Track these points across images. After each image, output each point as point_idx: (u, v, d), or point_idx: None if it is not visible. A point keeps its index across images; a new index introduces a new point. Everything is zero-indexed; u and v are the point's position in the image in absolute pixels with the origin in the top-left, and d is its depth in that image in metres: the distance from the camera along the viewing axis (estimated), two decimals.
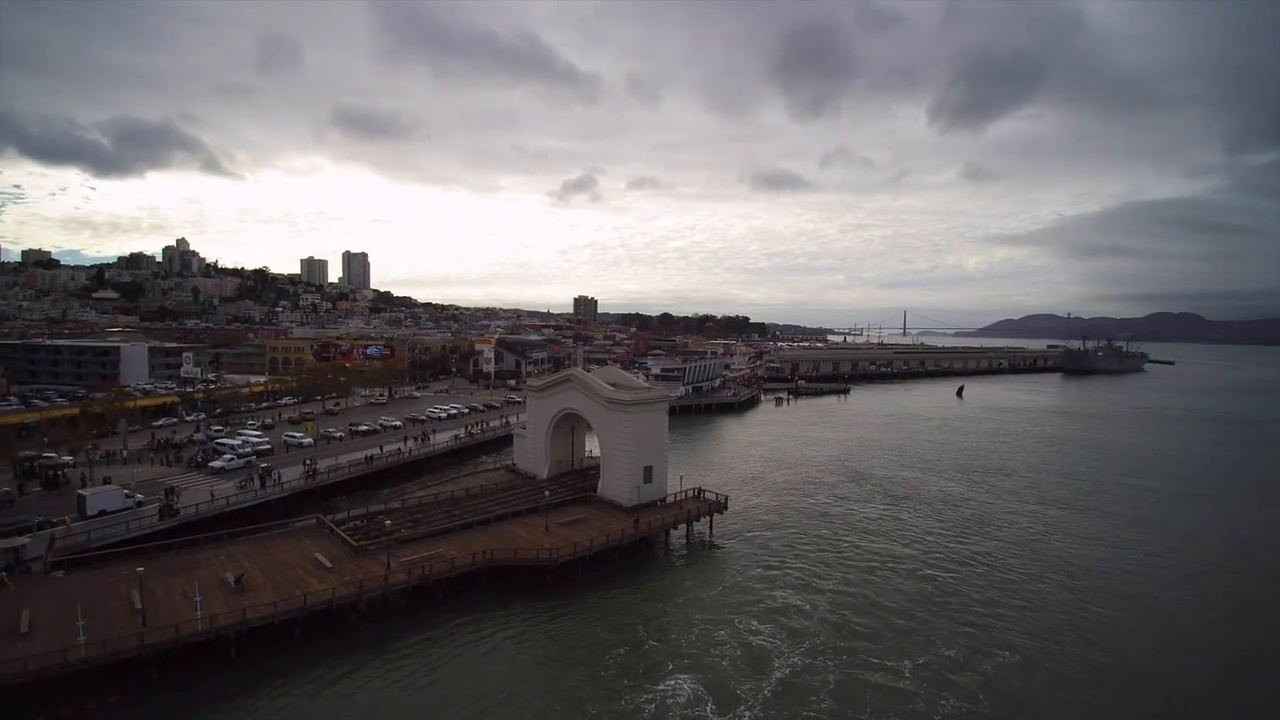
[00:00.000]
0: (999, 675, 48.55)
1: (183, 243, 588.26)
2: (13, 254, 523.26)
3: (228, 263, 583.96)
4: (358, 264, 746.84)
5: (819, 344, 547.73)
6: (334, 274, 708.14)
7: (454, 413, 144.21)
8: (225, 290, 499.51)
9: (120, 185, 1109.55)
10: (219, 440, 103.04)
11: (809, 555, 72.45)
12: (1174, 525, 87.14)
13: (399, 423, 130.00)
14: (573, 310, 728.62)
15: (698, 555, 73.32)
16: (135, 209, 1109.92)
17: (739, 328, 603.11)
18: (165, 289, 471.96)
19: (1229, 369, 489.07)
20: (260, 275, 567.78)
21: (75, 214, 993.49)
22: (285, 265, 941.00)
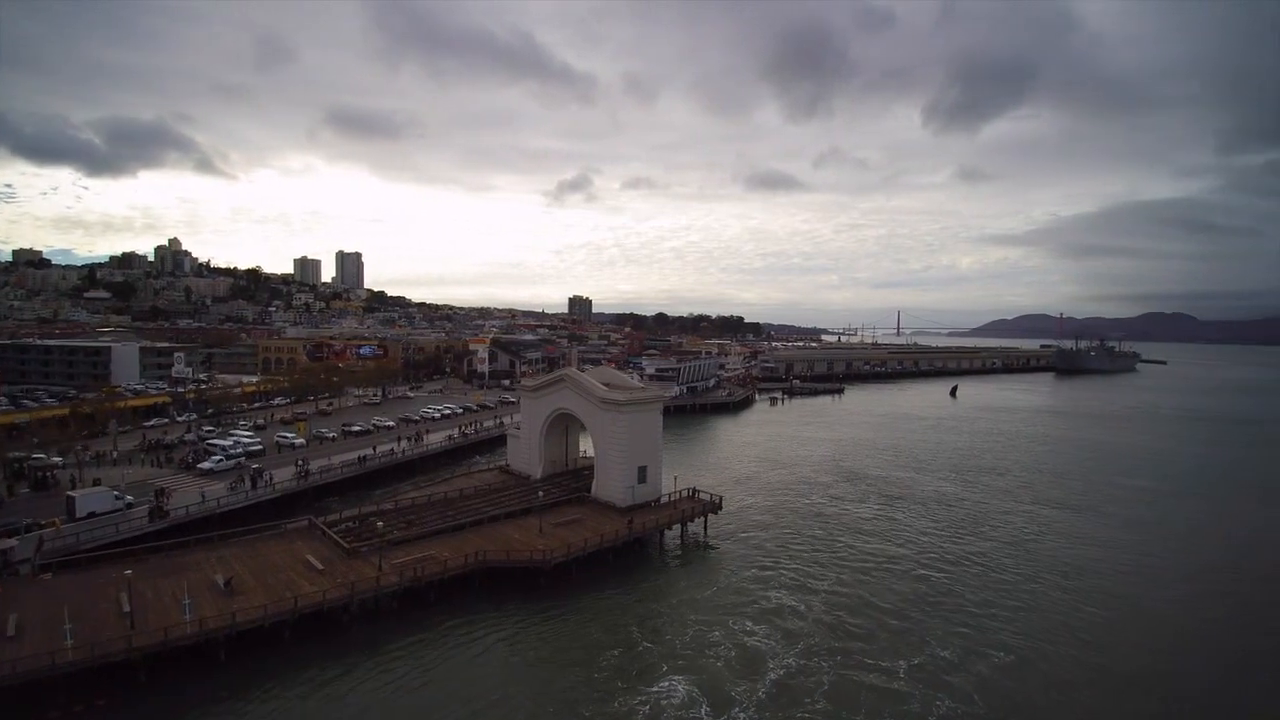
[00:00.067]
0: (994, 676, 48.46)
1: (175, 242, 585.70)
2: (4, 253, 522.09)
3: (221, 262, 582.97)
4: (351, 264, 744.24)
5: (813, 344, 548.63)
6: (328, 274, 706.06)
7: (448, 413, 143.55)
8: (218, 290, 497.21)
9: (113, 185, 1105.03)
10: (210, 441, 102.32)
11: (803, 555, 72.32)
12: (1168, 525, 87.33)
13: (392, 423, 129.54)
14: (568, 310, 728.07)
15: (692, 556, 73.10)
16: (128, 208, 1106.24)
17: (734, 328, 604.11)
18: (157, 289, 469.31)
19: (1221, 369, 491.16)
20: (253, 275, 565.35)
21: (67, 213, 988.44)
22: (279, 265, 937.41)
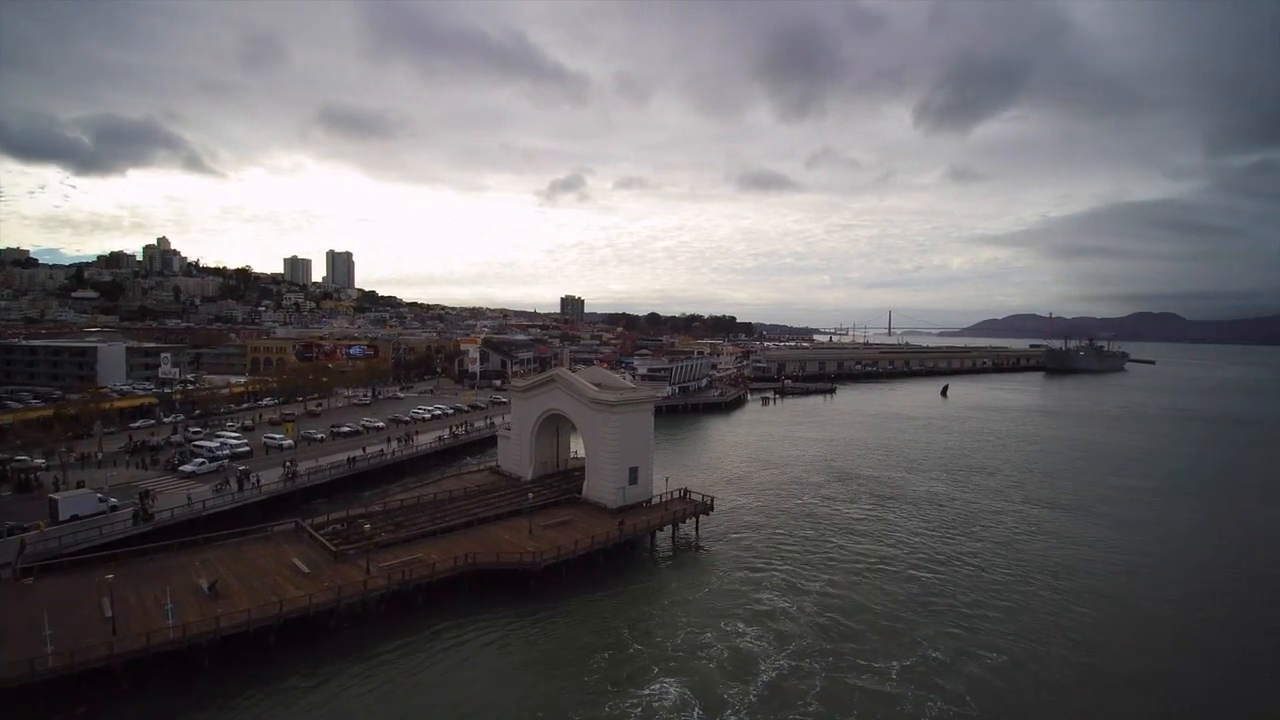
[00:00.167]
0: (986, 677, 48.33)
1: (164, 241, 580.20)
2: None
3: (210, 262, 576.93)
4: (342, 263, 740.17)
5: (805, 344, 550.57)
6: (318, 273, 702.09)
7: (438, 413, 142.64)
8: (207, 290, 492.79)
9: (101, 183, 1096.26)
10: (197, 443, 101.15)
11: (795, 556, 72.08)
12: (1159, 525, 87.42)
13: (382, 424, 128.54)
14: (560, 310, 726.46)
15: (683, 557, 72.74)
16: (116, 207, 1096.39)
17: (726, 327, 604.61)
18: (146, 288, 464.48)
19: (1208, 369, 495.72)
20: (243, 274, 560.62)
21: (55, 212, 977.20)
22: (269, 265, 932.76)
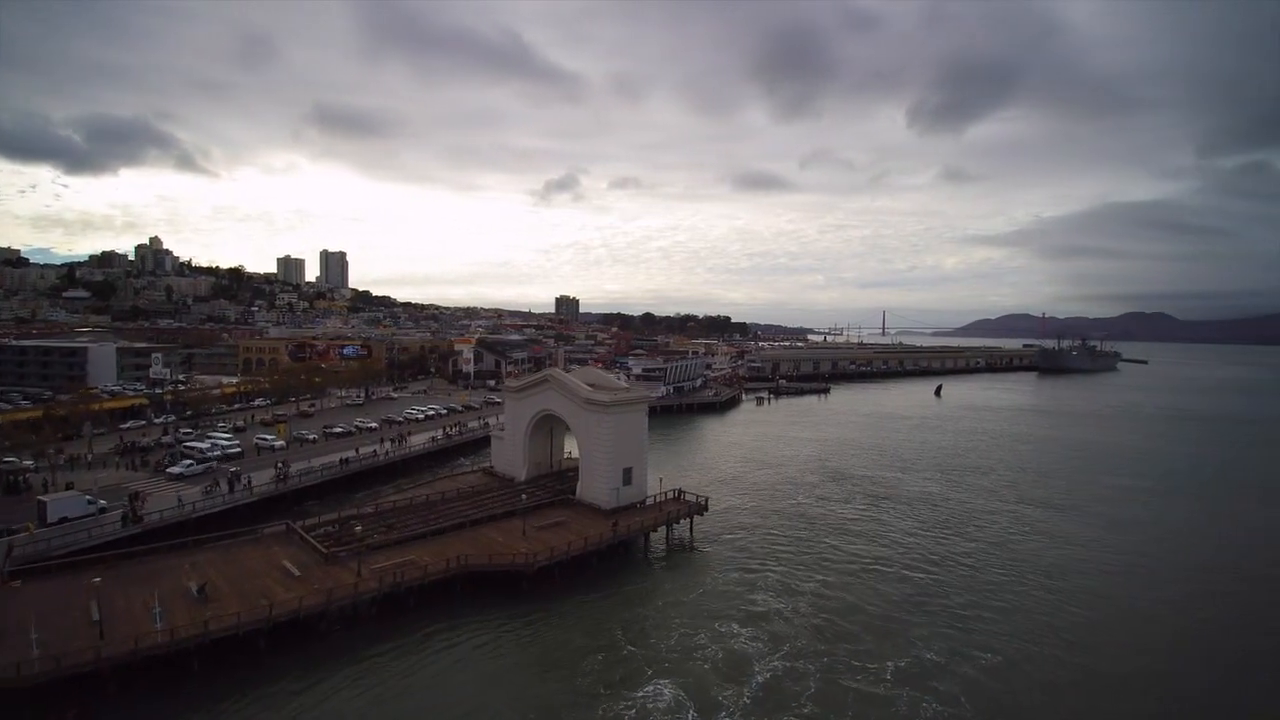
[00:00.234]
0: (980, 678, 48.21)
1: (156, 241, 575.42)
2: None
3: (202, 261, 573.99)
4: (336, 263, 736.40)
5: (799, 344, 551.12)
6: (311, 273, 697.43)
7: (432, 414, 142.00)
8: (200, 289, 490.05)
9: (93, 182, 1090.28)
10: (188, 444, 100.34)
11: (789, 557, 71.91)
12: (1154, 525, 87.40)
13: (375, 424, 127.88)
14: (554, 310, 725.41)
15: (677, 558, 72.47)
16: (108, 207, 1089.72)
17: (720, 327, 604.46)
18: (138, 288, 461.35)
19: (1201, 368, 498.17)
20: (236, 274, 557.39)
21: (46, 212, 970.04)
22: (262, 264, 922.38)
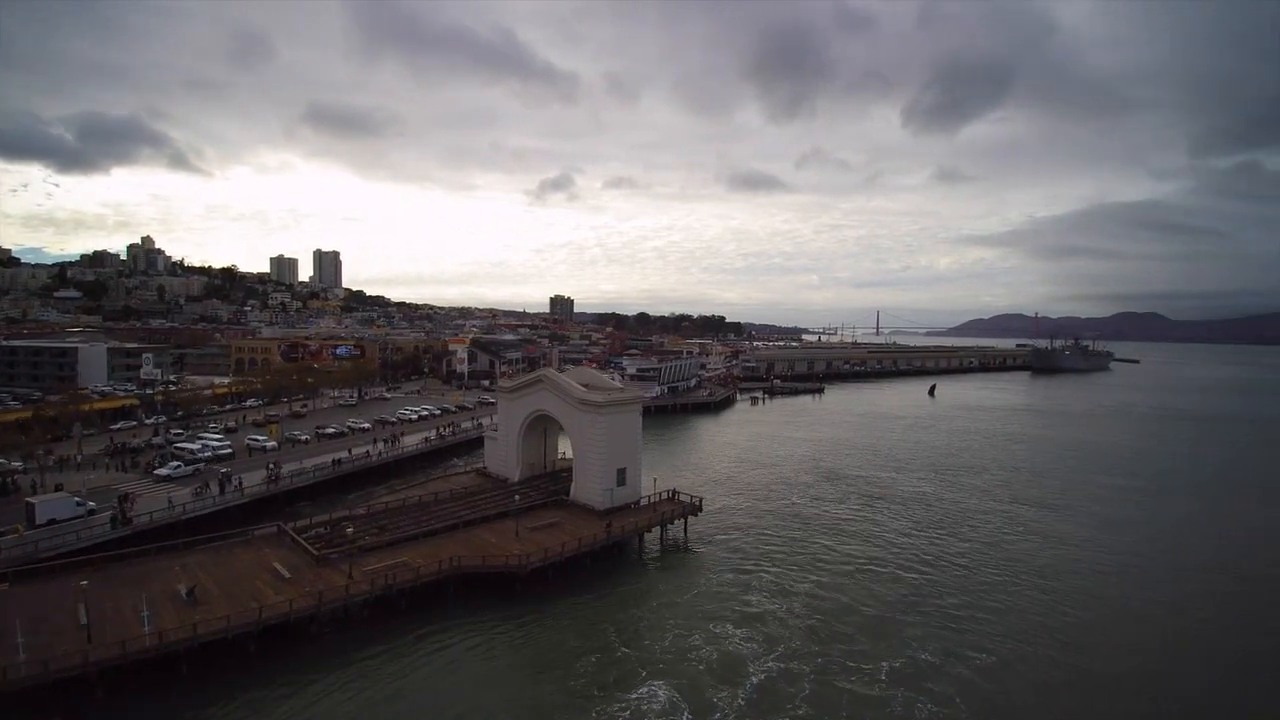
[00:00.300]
0: (975, 678, 48.10)
1: (148, 240, 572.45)
2: None
3: (195, 261, 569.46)
4: (329, 263, 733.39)
5: (794, 343, 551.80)
6: (305, 273, 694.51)
7: (425, 414, 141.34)
8: (192, 289, 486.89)
9: (84, 181, 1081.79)
10: (178, 445, 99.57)
11: (783, 558, 71.75)
12: (1147, 525, 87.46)
13: (368, 425, 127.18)
14: (549, 310, 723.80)
15: (671, 559, 72.25)
16: (100, 206, 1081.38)
17: (715, 327, 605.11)
18: (130, 288, 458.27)
19: (1193, 368, 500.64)
20: (228, 274, 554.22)
21: (37, 211, 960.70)
22: (255, 264, 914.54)
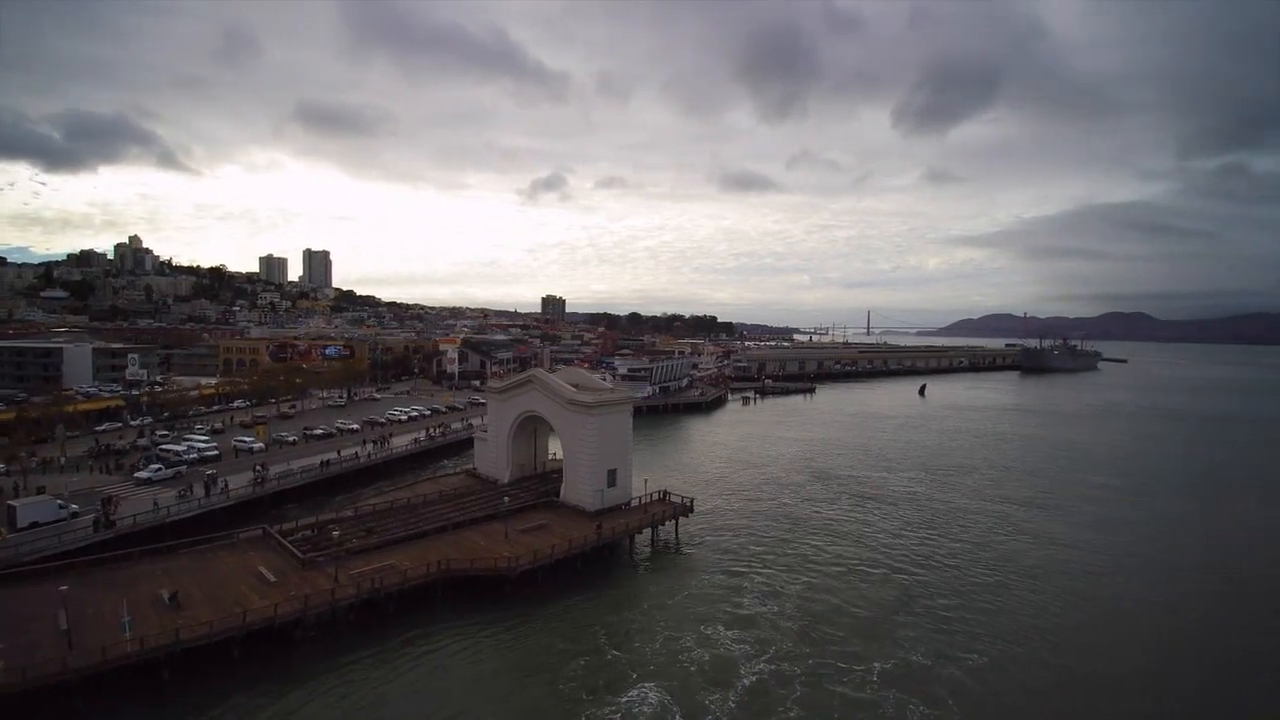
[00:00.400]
0: (966, 679, 47.97)
1: (136, 240, 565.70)
2: None
3: (183, 261, 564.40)
4: (319, 262, 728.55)
5: (785, 343, 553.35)
6: (295, 273, 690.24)
7: (415, 415, 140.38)
8: (180, 289, 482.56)
9: (71, 180, 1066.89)
10: (164, 446, 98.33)
11: (774, 559, 71.48)
12: (1138, 524, 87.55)
13: (357, 426, 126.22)
14: (541, 310, 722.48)
15: (662, 560, 71.85)
16: (86, 205, 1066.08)
17: (707, 327, 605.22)
18: (117, 288, 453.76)
19: (1180, 367, 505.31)
20: (217, 273, 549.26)
21: (24, 210, 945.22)
22: (244, 263, 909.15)
